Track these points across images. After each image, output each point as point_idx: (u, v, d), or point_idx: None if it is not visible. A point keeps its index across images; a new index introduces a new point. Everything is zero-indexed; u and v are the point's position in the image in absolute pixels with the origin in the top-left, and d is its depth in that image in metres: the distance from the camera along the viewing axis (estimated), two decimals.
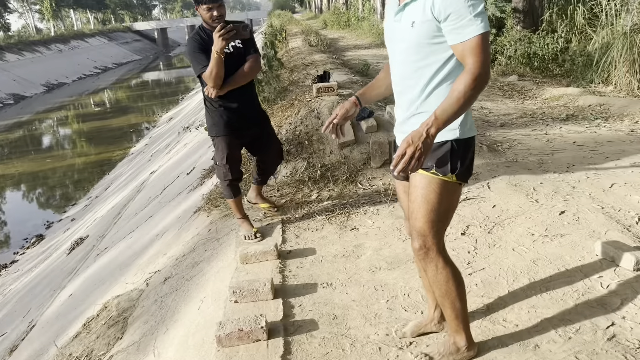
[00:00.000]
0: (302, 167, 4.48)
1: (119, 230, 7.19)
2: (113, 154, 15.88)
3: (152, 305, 3.50)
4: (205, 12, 3.27)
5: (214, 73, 3.22)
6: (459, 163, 1.98)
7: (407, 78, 2.00)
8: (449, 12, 1.77)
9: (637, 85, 7.36)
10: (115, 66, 41.86)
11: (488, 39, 1.78)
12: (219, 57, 3.17)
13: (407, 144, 1.76)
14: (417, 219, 2.01)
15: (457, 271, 2.11)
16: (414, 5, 1.89)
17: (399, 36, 1.99)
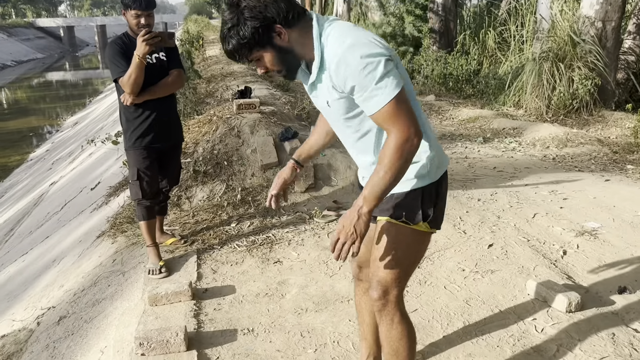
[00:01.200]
0: (220, 191, 4.15)
1: (9, 250, 6.45)
2: (9, 160, 14.51)
3: (43, 352, 3.02)
4: (132, 19, 3.08)
5: (132, 78, 3.00)
6: (431, 209, 1.79)
7: (353, 146, 1.85)
8: (351, 85, 1.60)
9: (545, 110, 7.70)
10: (14, 64, 38.86)
11: (401, 100, 1.57)
12: (140, 62, 2.96)
13: (339, 229, 1.65)
14: (379, 268, 1.80)
15: (412, 328, 1.93)
16: (320, 86, 1.71)
17: (324, 111, 1.82)
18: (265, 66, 1.70)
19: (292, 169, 2.07)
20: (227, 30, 1.64)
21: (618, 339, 2.42)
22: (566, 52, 7.62)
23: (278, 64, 1.69)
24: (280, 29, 1.62)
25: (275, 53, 1.66)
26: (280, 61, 1.68)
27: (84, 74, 36.41)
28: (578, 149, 6.07)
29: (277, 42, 1.64)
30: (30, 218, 7.70)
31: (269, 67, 1.70)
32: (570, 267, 3.12)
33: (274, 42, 1.64)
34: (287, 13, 1.62)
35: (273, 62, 1.68)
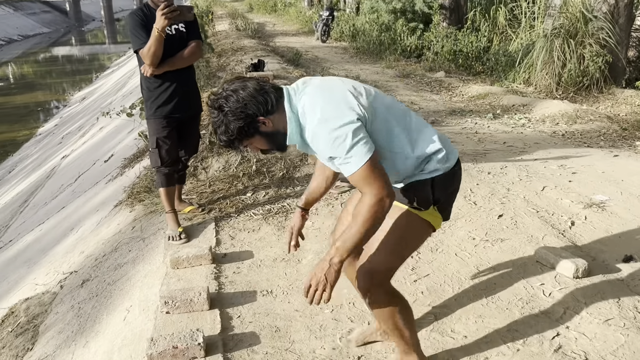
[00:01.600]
0: (235, 162, 4.24)
1: (25, 220, 6.59)
2: (17, 134, 14.60)
3: (68, 313, 3.16)
4: None
5: (152, 50, 3.09)
6: (443, 195, 1.93)
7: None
8: (327, 155, 1.77)
9: (555, 87, 7.71)
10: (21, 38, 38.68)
11: (371, 165, 1.71)
12: (159, 35, 3.04)
13: (312, 276, 1.79)
14: (373, 250, 1.90)
15: (402, 301, 2.01)
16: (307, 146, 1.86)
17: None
18: (258, 148, 1.89)
19: (301, 216, 2.23)
20: (216, 129, 1.82)
21: (623, 303, 2.51)
22: (577, 28, 7.60)
23: (268, 145, 1.87)
24: (263, 120, 1.79)
25: (263, 139, 1.84)
26: (269, 143, 1.86)
27: (90, 49, 36.26)
28: (587, 126, 6.11)
29: (263, 130, 1.81)
30: (43, 190, 7.83)
31: (262, 147, 1.89)
32: (578, 237, 3.20)
33: (260, 130, 1.81)
34: (265, 105, 1.78)
35: (263, 145, 1.87)
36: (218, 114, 1.78)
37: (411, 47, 11.26)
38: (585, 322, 2.39)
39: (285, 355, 2.28)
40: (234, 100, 1.75)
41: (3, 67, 27.83)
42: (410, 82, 8.86)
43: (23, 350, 3.11)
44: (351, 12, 15.84)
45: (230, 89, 1.79)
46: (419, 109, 6.89)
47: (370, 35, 12.13)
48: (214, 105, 1.79)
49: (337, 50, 12.55)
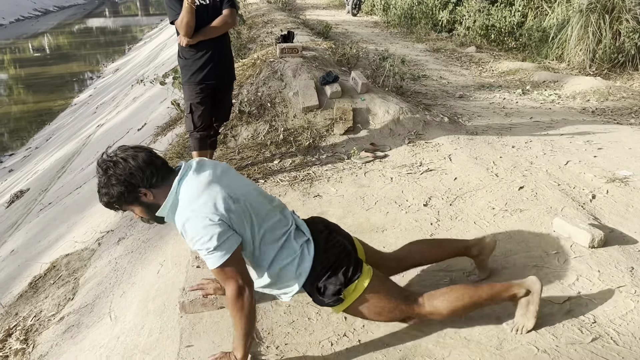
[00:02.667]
0: (264, 130, 4.38)
1: (63, 185, 6.88)
2: (54, 104, 15.02)
3: (106, 267, 3.37)
4: None
5: (185, 21, 3.25)
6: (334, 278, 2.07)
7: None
8: (192, 247, 1.95)
9: (589, 64, 7.59)
10: (56, 9, 39.33)
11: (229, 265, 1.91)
12: (189, 7, 3.19)
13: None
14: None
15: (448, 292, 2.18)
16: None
17: None
18: (138, 214, 2.05)
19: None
20: (99, 189, 1.96)
21: (636, 272, 2.58)
22: (614, 3, 7.42)
23: (147, 214, 2.03)
24: (145, 191, 1.93)
25: (143, 208, 2.00)
26: (148, 213, 2.02)
27: (123, 20, 36.66)
28: (619, 103, 6.04)
29: (144, 200, 1.96)
30: (80, 157, 8.13)
31: (141, 215, 2.04)
32: (598, 209, 3.25)
33: (140, 200, 1.95)
34: (151, 178, 1.93)
35: (143, 213, 2.03)
36: (102, 175, 1.92)
37: (442, 21, 11.14)
38: (596, 288, 2.47)
39: (306, 308, 2.43)
40: (121, 168, 1.89)
41: (39, 37, 28.43)
42: (440, 56, 8.81)
43: (65, 300, 3.35)
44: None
45: (121, 155, 1.92)
46: (447, 83, 6.90)
47: (401, 8, 12.02)
48: (102, 166, 1.92)
49: (367, 24, 12.49)
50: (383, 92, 4.96)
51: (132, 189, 1.91)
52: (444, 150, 4.14)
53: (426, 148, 4.23)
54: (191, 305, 2.37)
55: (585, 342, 2.15)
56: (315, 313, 2.39)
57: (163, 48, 15.72)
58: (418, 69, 7.51)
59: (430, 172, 3.81)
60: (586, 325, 2.24)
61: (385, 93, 4.99)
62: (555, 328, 2.23)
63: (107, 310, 2.86)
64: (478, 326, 2.27)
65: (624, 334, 2.19)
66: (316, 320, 2.35)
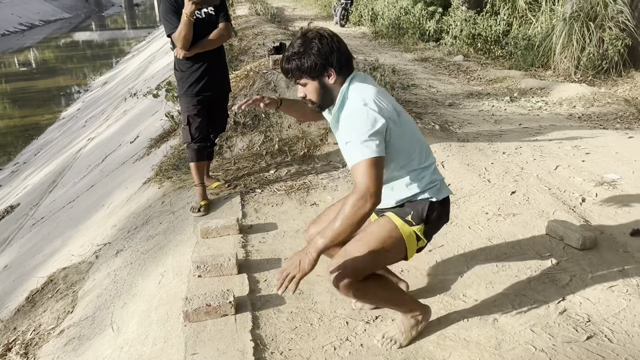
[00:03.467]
0: (259, 141, 4.43)
1: (55, 199, 6.87)
2: (41, 118, 14.95)
3: (105, 279, 3.39)
4: None
5: (182, 35, 3.30)
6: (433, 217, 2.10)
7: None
8: (348, 136, 1.93)
9: (574, 71, 7.74)
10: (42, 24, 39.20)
11: (374, 165, 1.85)
12: (188, 20, 3.25)
13: (289, 262, 1.89)
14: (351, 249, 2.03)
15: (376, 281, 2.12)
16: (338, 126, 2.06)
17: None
18: (306, 93, 2.04)
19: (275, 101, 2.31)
20: (291, 54, 1.97)
21: (627, 272, 2.66)
22: (597, 12, 7.60)
23: (317, 96, 2.03)
24: (332, 73, 1.98)
25: (319, 87, 2.01)
26: (319, 95, 2.02)
27: (110, 34, 36.61)
28: (604, 109, 6.17)
29: (325, 80, 2.00)
30: (71, 171, 8.11)
31: (309, 95, 2.04)
32: (588, 212, 3.33)
33: (323, 78, 1.99)
34: (343, 65, 1.99)
35: (314, 92, 2.02)
36: (304, 42, 1.95)
37: (430, 31, 11.30)
38: (589, 288, 2.55)
39: (308, 314, 2.47)
40: (326, 43, 1.94)
41: (25, 52, 28.29)
42: (429, 65, 8.94)
43: (64, 313, 3.36)
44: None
45: (328, 33, 1.98)
46: (436, 91, 7.00)
47: (389, 19, 12.17)
48: (308, 36, 1.96)
49: (355, 35, 12.62)
50: None
51: (324, 65, 1.95)
52: (436, 157, 4.18)
53: None
54: (195, 314, 2.41)
55: (580, 340, 2.21)
56: (318, 319, 2.44)
57: (152, 61, 15.75)
58: (407, 78, 7.61)
59: None
60: (581, 324, 2.31)
61: None
62: (551, 327, 2.29)
63: (108, 322, 2.88)
64: (476, 328, 2.32)
65: (617, 332, 2.26)
66: (319, 326, 2.39)
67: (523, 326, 2.32)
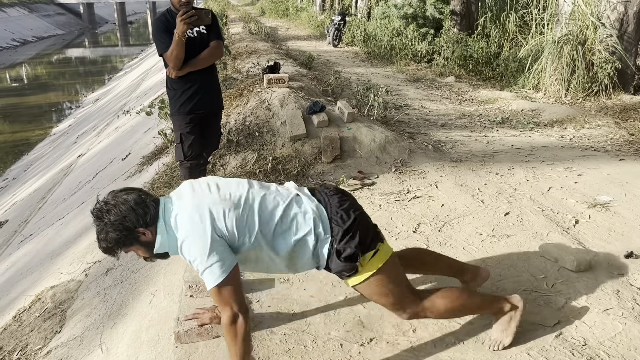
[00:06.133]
0: (252, 159, 4.42)
1: (45, 215, 6.80)
2: (32, 134, 14.87)
3: (94, 298, 3.34)
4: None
5: (174, 54, 3.31)
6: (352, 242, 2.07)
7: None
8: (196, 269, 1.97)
9: (565, 93, 7.83)
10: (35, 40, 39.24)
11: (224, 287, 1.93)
12: (179, 40, 3.26)
13: None
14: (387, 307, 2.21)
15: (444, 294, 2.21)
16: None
17: None
18: (141, 255, 2.08)
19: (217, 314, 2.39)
20: (97, 237, 2.00)
21: (622, 295, 2.65)
22: (586, 35, 7.71)
23: (148, 253, 2.05)
24: (143, 231, 1.98)
25: (143, 247, 2.02)
26: (149, 251, 2.04)
27: (103, 51, 36.71)
28: (595, 131, 6.22)
29: (143, 240, 2.00)
30: (61, 187, 8.04)
31: (142, 254, 2.08)
32: (582, 234, 3.34)
33: (140, 240, 2.00)
34: (144, 217, 1.96)
35: (144, 253, 2.06)
36: (98, 224, 1.96)
37: (422, 52, 11.41)
38: (585, 311, 2.53)
39: (302, 336, 2.43)
40: (114, 213, 1.93)
41: (17, 68, 28.25)
42: (421, 86, 9.01)
43: (52, 332, 3.29)
44: (362, 17, 16.01)
45: (112, 202, 1.96)
46: (429, 112, 7.04)
47: (381, 40, 12.28)
48: (95, 215, 1.97)
49: (348, 55, 12.72)
50: (369, 121, 5.06)
51: (128, 232, 1.94)
52: (430, 178, 4.22)
53: (412, 175, 4.30)
54: (186, 335, 2.36)
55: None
56: (311, 341, 2.40)
57: (144, 78, 15.77)
58: (400, 99, 7.66)
59: (417, 199, 3.88)
60: (577, 347, 2.29)
61: (371, 122, 5.08)
62: (547, 351, 2.28)
63: (97, 342, 2.82)
64: (472, 351, 2.30)
65: (614, 356, 2.24)
66: (312, 348, 2.35)
67: (519, 349, 2.29)
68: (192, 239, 1.92)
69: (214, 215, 1.96)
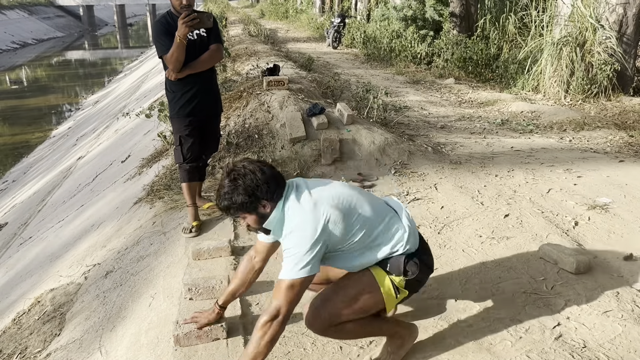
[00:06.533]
0: None
1: (44, 218, 6.79)
2: (32, 136, 14.87)
3: (94, 301, 3.33)
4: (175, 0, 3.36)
5: (175, 56, 3.30)
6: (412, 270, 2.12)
7: None
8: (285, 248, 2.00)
9: (564, 95, 7.83)
10: (35, 42, 39.26)
11: (297, 286, 1.93)
12: (180, 42, 3.25)
13: None
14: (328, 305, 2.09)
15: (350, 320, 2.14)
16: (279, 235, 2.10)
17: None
18: (249, 223, 2.09)
19: (217, 314, 2.41)
20: (223, 194, 2.02)
21: (622, 297, 2.65)
22: (586, 37, 7.72)
23: (259, 225, 2.08)
24: (266, 203, 2.02)
25: (258, 218, 2.05)
26: (259, 223, 2.07)
27: (103, 53, 36.71)
28: (595, 132, 6.23)
29: (261, 211, 2.03)
30: (61, 189, 8.03)
31: (251, 224, 2.09)
32: (581, 236, 3.34)
33: (258, 210, 2.03)
34: (273, 192, 2.02)
35: (255, 223, 2.07)
36: (230, 184, 1.98)
37: (421, 54, 11.42)
38: (585, 313, 2.53)
39: (301, 338, 2.43)
40: (251, 179, 1.97)
41: (17, 70, 28.27)
42: (420, 88, 9.01)
43: (51, 335, 3.28)
44: (362, 19, 16.04)
45: (249, 167, 2.00)
46: (428, 114, 7.04)
47: (381, 42, 12.30)
48: (231, 176, 1.99)
49: (348, 57, 12.73)
50: (368, 123, 5.06)
51: (254, 200, 1.98)
52: (429, 180, 4.22)
53: (412, 177, 4.31)
54: (186, 338, 2.36)
55: None
56: (311, 343, 2.40)
57: (144, 80, 15.78)
58: (400, 101, 7.66)
59: (417, 201, 3.88)
60: (577, 350, 2.29)
61: (371, 124, 5.08)
62: (547, 353, 2.27)
63: (97, 346, 2.81)
64: (471, 353, 2.29)
65: (613, 358, 2.24)
66: (312, 351, 2.35)
67: (519, 352, 2.29)
68: (300, 232, 1.95)
69: (330, 218, 1.98)
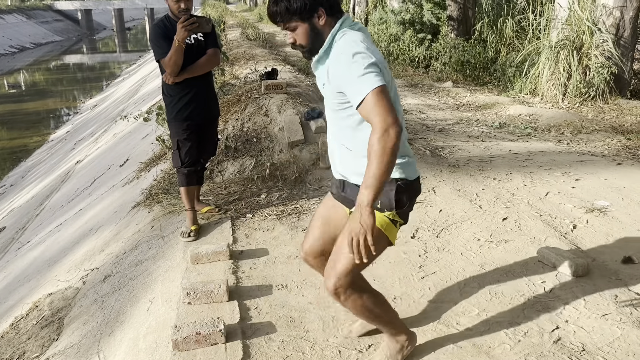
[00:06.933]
0: (250, 165, 4.42)
1: (42, 222, 6.78)
2: (30, 140, 14.86)
3: (92, 305, 3.33)
4: (173, 3, 3.36)
5: (172, 60, 3.31)
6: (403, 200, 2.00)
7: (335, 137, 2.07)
8: (339, 82, 1.85)
9: (562, 98, 7.85)
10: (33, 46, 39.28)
11: (380, 94, 1.74)
12: (179, 46, 3.26)
13: (350, 230, 1.79)
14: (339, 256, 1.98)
15: (371, 292, 2.10)
16: (322, 67, 1.99)
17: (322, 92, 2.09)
18: (296, 37, 1.96)
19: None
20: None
21: (620, 300, 2.65)
22: (583, 40, 7.75)
23: (307, 39, 1.95)
24: (322, 13, 1.92)
25: (309, 29, 1.94)
26: (309, 38, 1.94)
27: (102, 57, 36.73)
28: (592, 135, 6.24)
29: (314, 22, 1.93)
30: (59, 193, 8.03)
31: (299, 39, 1.96)
32: (579, 239, 3.34)
33: (312, 20, 1.92)
34: (333, 4, 1.93)
35: (304, 36, 1.94)
36: None
37: (419, 57, 11.44)
38: (583, 316, 2.53)
39: (300, 342, 2.43)
40: None
41: (15, 74, 28.26)
42: (418, 91, 9.03)
43: (49, 340, 3.28)
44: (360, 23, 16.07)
45: None
46: (426, 117, 7.05)
47: (379, 45, 12.32)
48: None
49: None
50: None
51: (314, 4, 1.88)
52: (427, 183, 4.22)
53: None
54: (184, 343, 2.35)
55: None
56: (310, 348, 2.39)
57: (142, 84, 15.78)
58: None
59: (415, 204, 3.87)
60: (576, 353, 2.29)
61: None
62: (546, 357, 2.27)
63: (95, 350, 2.81)
64: (470, 357, 2.29)
65: None
66: (310, 355, 2.35)
67: (517, 355, 2.29)
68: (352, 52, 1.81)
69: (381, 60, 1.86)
